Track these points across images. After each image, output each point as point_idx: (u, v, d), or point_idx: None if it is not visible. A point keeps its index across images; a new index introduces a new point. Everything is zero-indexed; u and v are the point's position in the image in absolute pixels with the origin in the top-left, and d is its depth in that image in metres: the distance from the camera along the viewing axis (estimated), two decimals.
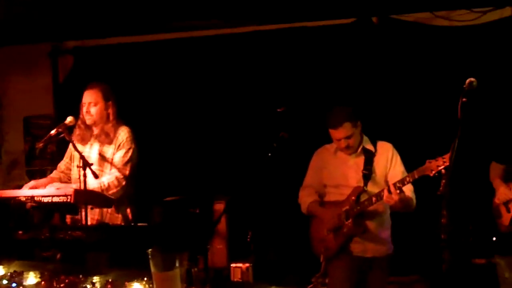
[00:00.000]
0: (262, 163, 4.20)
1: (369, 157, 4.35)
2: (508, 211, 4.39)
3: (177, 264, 2.46)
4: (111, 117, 4.87)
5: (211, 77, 6.53)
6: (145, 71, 6.69)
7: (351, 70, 6.14)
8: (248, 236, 5.70)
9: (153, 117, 6.57)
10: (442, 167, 3.74)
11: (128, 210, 4.89)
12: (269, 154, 4.25)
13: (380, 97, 5.99)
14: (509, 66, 5.67)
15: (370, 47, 6.12)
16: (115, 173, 4.76)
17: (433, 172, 3.84)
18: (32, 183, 4.83)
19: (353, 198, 4.27)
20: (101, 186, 4.66)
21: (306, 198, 4.55)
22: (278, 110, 5.88)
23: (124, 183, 4.75)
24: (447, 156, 3.72)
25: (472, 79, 3.40)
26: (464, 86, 3.38)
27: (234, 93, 6.46)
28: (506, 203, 4.39)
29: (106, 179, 4.72)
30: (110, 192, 4.69)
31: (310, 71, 6.27)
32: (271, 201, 6.02)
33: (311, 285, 5.17)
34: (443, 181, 3.59)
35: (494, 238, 5.06)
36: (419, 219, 4.96)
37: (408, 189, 4.20)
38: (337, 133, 4.29)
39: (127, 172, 4.78)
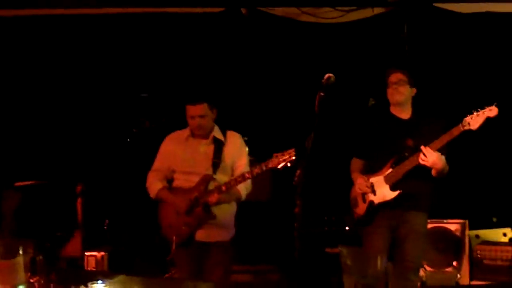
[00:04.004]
0: (121, 149, 4.11)
1: (219, 146, 4.44)
2: (364, 201, 4.59)
3: (20, 252, 2.32)
4: None
5: (71, 59, 6.30)
6: None
7: (217, 59, 6.17)
8: (105, 225, 5.57)
9: (7, 98, 6.23)
10: (288, 161, 4.03)
11: None
12: (128, 140, 4.17)
13: (243, 88, 6.06)
14: (369, 64, 5.93)
15: (237, 38, 6.17)
16: None
17: (281, 165, 4.08)
18: None
19: (202, 186, 4.33)
20: None
21: (155, 184, 4.52)
22: (142, 95, 5.82)
23: None
24: (292, 150, 4.06)
25: (330, 74, 3.49)
26: (323, 81, 3.48)
27: (96, 77, 6.27)
28: (363, 194, 4.60)
29: None
30: None
31: (176, 58, 6.22)
32: (129, 188, 5.91)
33: (168, 274, 5.17)
34: (298, 171, 3.69)
35: (346, 228, 5.30)
36: (276, 209, 5.08)
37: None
38: (194, 109, 4.34)
39: None
